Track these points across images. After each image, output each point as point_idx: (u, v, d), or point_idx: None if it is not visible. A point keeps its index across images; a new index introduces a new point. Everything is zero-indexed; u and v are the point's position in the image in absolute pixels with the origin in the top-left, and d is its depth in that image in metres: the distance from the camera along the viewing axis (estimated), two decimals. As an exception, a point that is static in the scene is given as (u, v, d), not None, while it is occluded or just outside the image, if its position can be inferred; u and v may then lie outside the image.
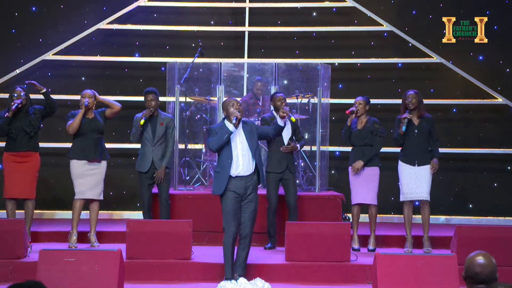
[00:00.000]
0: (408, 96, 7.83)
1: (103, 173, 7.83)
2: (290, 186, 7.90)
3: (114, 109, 7.89)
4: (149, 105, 7.88)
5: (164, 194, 7.94)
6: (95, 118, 7.79)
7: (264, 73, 9.66)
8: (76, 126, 7.66)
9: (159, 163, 7.91)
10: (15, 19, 10.29)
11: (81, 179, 7.73)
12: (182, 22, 10.43)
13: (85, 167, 7.73)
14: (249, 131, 6.65)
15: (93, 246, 7.73)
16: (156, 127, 7.93)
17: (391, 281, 6.01)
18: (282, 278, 7.01)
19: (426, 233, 7.81)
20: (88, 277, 5.90)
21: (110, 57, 10.30)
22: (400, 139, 7.80)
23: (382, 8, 10.41)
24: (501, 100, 10.16)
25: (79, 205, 7.74)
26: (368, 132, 7.99)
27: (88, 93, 7.77)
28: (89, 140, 7.72)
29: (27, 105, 7.75)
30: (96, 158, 7.73)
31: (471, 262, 3.74)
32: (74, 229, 7.72)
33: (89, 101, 7.70)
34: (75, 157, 7.74)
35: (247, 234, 6.58)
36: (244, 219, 6.56)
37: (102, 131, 7.83)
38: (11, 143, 7.73)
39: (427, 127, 7.81)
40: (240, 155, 6.55)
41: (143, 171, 7.91)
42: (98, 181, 7.78)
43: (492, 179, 10.30)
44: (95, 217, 7.81)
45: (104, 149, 7.87)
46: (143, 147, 7.96)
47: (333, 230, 7.29)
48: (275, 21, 10.56)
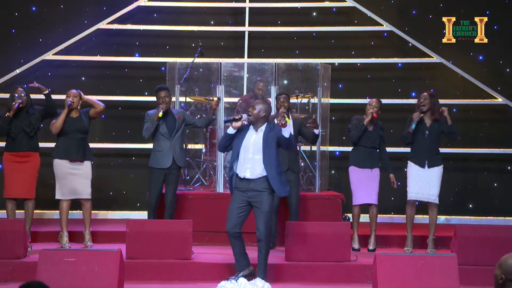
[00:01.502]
0: (420, 97, 7.77)
1: (87, 173, 7.74)
2: (292, 187, 7.88)
3: (98, 109, 7.83)
4: (163, 101, 7.81)
5: (170, 196, 7.91)
6: (79, 117, 7.73)
7: (264, 73, 9.66)
8: (59, 126, 7.61)
9: (180, 158, 7.86)
10: (15, 19, 10.29)
11: (64, 179, 7.67)
12: (182, 22, 10.43)
13: (67, 166, 7.67)
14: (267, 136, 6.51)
15: (87, 246, 7.72)
16: (172, 121, 7.84)
17: (391, 281, 6.00)
18: (282, 278, 7.00)
19: (432, 235, 7.78)
20: (88, 277, 5.90)
21: (110, 57, 10.30)
22: (409, 138, 7.73)
23: (382, 8, 10.42)
24: (501, 100, 10.16)
25: (66, 206, 7.71)
26: (378, 136, 7.98)
27: (73, 92, 7.74)
28: (72, 140, 7.66)
29: (27, 105, 7.74)
30: (78, 158, 7.66)
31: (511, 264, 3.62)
32: (64, 230, 7.71)
33: (73, 100, 7.66)
34: (57, 156, 7.70)
35: (262, 239, 6.50)
36: (256, 221, 6.51)
37: (86, 131, 7.77)
38: (11, 143, 7.73)
39: (439, 129, 7.75)
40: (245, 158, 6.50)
41: (163, 167, 7.83)
42: (81, 181, 7.70)
43: (492, 179, 10.30)
44: (88, 216, 7.78)
45: (87, 149, 7.79)
46: (159, 144, 7.85)
47: (333, 230, 7.29)
48: (275, 21, 10.57)
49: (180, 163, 7.90)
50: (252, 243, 7.97)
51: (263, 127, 6.51)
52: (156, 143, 7.90)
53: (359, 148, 8.02)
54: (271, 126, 6.52)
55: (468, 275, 6.75)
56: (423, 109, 7.70)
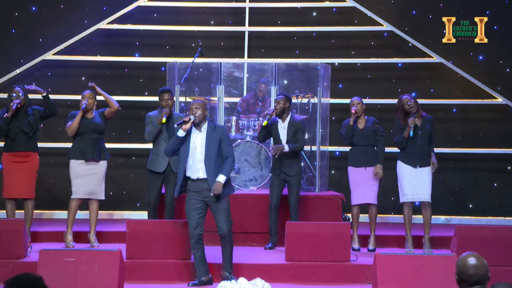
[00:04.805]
0: (406, 101, 7.76)
1: (102, 173, 7.79)
2: (292, 187, 7.90)
3: (112, 109, 7.85)
4: (166, 104, 7.77)
5: (170, 196, 7.90)
6: (94, 118, 7.77)
7: (264, 73, 9.67)
8: (74, 128, 7.65)
9: (176, 163, 7.85)
10: (15, 19, 10.29)
11: (79, 179, 7.70)
12: (182, 22, 10.43)
13: (83, 166, 7.71)
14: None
15: (93, 246, 7.72)
16: (173, 127, 7.84)
17: (391, 281, 6.00)
18: (282, 278, 7.00)
19: (427, 234, 7.79)
20: (88, 277, 5.90)
21: (110, 57, 10.30)
22: (405, 143, 7.75)
23: (382, 8, 10.41)
24: (501, 100, 10.16)
25: (75, 205, 7.73)
26: (371, 132, 7.99)
27: (88, 93, 7.75)
28: (87, 140, 7.69)
29: (26, 105, 7.74)
30: (93, 158, 7.70)
31: (463, 264, 3.70)
32: (69, 229, 7.72)
33: (87, 102, 7.69)
34: (73, 157, 7.73)
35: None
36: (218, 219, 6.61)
37: (101, 131, 7.80)
38: (10, 143, 7.73)
39: (429, 128, 7.80)
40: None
41: (158, 172, 7.84)
42: (97, 181, 7.75)
43: (492, 179, 10.29)
44: (95, 217, 7.80)
45: (103, 149, 7.83)
46: (158, 147, 7.81)
47: (333, 230, 7.29)
48: (275, 21, 10.56)
49: (176, 168, 7.87)
50: (262, 244, 8.03)
51: (205, 125, 6.64)
52: (155, 145, 7.89)
53: (354, 147, 8.06)
54: (213, 126, 6.67)
55: (468, 275, 6.73)
56: (414, 111, 7.73)
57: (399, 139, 7.79)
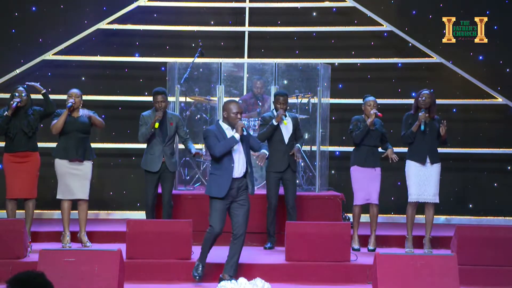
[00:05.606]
0: (422, 94, 7.77)
1: (88, 173, 7.73)
2: (290, 186, 7.91)
3: (98, 127, 7.92)
4: (159, 106, 7.75)
5: (167, 195, 7.90)
6: (81, 117, 7.73)
7: (264, 73, 9.66)
8: (59, 126, 7.60)
9: (169, 162, 7.85)
10: (15, 19, 10.29)
11: (64, 179, 7.66)
12: (182, 22, 10.43)
13: (67, 166, 7.66)
14: (245, 136, 6.67)
15: (86, 246, 7.71)
16: (166, 126, 7.86)
17: (391, 281, 6.00)
18: (282, 278, 7.00)
19: (428, 234, 7.79)
20: (88, 277, 5.90)
21: (110, 57, 10.30)
22: (412, 137, 7.74)
23: (382, 8, 10.42)
24: (501, 100, 10.17)
25: (67, 206, 7.72)
26: (379, 134, 7.98)
27: (74, 92, 7.72)
28: (72, 139, 7.64)
29: (27, 105, 7.73)
30: (77, 157, 7.65)
31: None
32: (66, 230, 7.72)
33: (74, 101, 7.66)
34: (57, 156, 7.69)
35: (242, 234, 6.58)
36: (238, 218, 6.57)
37: (87, 131, 7.75)
38: (10, 144, 7.72)
39: (438, 126, 7.78)
40: (238, 159, 6.56)
41: (153, 171, 7.84)
42: (82, 181, 7.70)
43: (492, 179, 10.30)
44: (84, 217, 7.78)
45: (88, 149, 7.76)
46: (152, 147, 7.84)
47: (333, 230, 7.28)
48: (275, 21, 10.57)
49: (171, 168, 7.88)
50: (261, 244, 8.04)
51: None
52: (149, 145, 7.89)
53: (362, 147, 8.00)
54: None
55: (468, 275, 6.75)
56: (424, 106, 7.69)
57: (406, 133, 7.77)
